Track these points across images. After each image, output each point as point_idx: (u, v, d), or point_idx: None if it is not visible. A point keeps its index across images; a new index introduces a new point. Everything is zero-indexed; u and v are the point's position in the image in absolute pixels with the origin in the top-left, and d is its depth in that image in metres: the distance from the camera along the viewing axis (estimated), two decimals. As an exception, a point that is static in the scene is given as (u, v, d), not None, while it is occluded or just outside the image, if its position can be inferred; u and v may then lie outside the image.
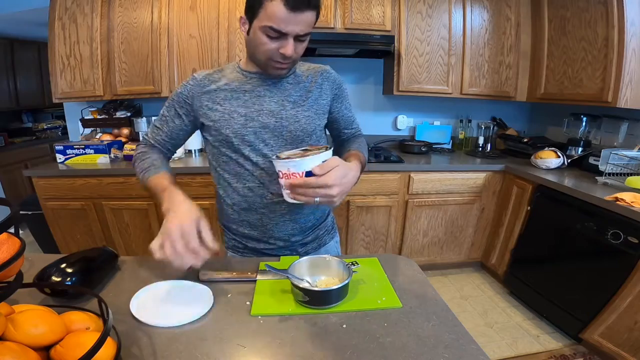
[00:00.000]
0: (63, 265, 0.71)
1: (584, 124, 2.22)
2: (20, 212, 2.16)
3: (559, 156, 2.13)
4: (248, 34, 0.82)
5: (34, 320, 0.48)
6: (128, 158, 2.17)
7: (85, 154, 2.12)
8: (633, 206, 1.48)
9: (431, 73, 2.34)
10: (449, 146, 2.77)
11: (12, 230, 0.48)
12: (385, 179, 2.17)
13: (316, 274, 0.77)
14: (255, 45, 0.81)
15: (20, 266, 0.52)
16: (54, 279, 0.68)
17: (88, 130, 2.48)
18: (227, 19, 2.11)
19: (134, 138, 2.43)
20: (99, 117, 2.36)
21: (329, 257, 0.78)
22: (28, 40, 3.66)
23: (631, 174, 1.78)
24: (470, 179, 2.25)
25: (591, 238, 1.66)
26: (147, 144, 0.96)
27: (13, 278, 0.50)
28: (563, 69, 2.11)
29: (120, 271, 0.83)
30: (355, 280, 0.77)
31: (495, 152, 2.57)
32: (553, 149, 2.18)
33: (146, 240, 2.15)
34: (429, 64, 2.32)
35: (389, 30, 2.23)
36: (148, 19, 2.09)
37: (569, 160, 2.14)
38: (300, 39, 0.79)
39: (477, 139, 2.63)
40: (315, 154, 0.71)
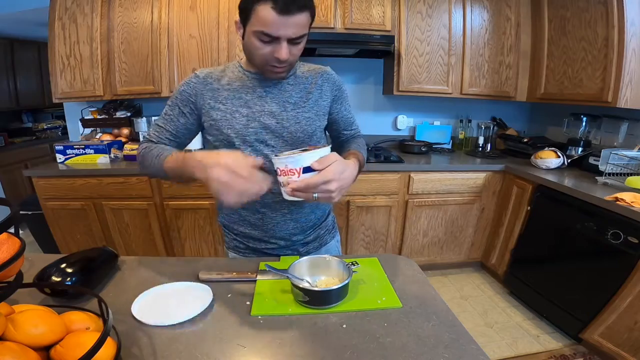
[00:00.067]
0: (63, 265, 0.71)
1: (584, 124, 2.22)
2: (20, 212, 2.16)
3: (559, 156, 2.13)
4: (243, 38, 0.82)
5: (34, 320, 0.48)
6: (128, 158, 2.17)
7: (85, 154, 2.12)
8: (633, 206, 1.48)
9: (431, 73, 2.34)
10: (449, 146, 2.76)
11: (12, 230, 0.48)
12: (385, 179, 2.17)
13: (316, 274, 0.77)
14: (250, 50, 0.80)
15: (20, 266, 0.52)
16: (54, 279, 0.68)
17: (88, 130, 2.48)
18: (227, 19, 2.11)
19: (134, 138, 2.43)
20: (99, 117, 2.36)
21: (328, 257, 0.78)
22: (28, 40, 3.66)
23: (631, 174, 1.78)
24: (470, 179, 2.25)
25: (591, 238, 1.66)
26: (151, 142, 0.92)
27: (13, 278, 0.50)
28: (563, 69, 2.11)
29: (120, 271, 0.83)
30: (355, 280, 0.77)
31: (495, 152, 2.57)
32: (553, 149, 2.18)
33: (146, 240, 2.16)
34: (429, 64, 2.32)
35: (389, 30, 2.23)
36: (148, 19, 2.09)
37: (569, 160, 2.14)
38: (294, 41, 0.78)
39: (477, 139, 2.63)
40: (313, 151, 0.71)
